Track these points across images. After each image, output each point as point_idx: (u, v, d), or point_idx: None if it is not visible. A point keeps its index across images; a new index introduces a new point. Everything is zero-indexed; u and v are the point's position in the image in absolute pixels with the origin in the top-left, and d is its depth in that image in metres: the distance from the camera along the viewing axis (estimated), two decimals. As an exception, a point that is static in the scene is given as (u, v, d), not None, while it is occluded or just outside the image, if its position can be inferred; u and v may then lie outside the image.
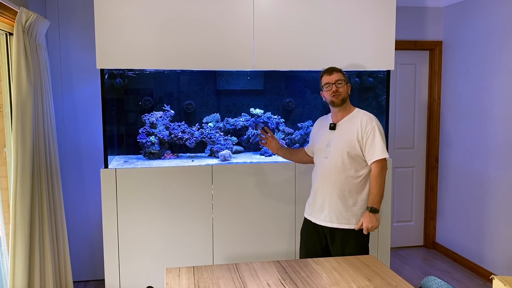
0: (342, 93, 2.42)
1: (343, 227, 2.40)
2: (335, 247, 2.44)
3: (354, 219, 2.40)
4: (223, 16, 2.83)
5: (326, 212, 2.43)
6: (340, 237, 2.41)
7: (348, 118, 2.46)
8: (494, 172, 3.53)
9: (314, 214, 2.49)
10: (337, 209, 2.40)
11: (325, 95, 2.47)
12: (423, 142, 4.31)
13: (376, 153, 2.35)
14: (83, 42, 3.31)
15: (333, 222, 2.41)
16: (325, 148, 2.46)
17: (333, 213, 2.41)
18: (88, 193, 3.45)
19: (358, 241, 2.41)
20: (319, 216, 2.46)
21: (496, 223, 3.52)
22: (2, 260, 2.59)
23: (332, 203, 2.41)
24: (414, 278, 3.60)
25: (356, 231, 2.39)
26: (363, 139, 2.37)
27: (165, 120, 3.24)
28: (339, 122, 2.47)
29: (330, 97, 2.43)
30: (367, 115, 2.43)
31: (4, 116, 2.60)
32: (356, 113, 2.46)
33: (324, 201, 2.44)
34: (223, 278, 1.93)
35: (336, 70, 2.45)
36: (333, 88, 2.41)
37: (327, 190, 2.43)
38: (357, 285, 1.87)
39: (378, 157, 2.34)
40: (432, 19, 4.09)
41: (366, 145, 2.37)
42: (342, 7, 2.96)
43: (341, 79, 2.43)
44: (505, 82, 3.40)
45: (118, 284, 2.88)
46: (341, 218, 2.40)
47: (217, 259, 2.99)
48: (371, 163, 2.37)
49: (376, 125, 2.38)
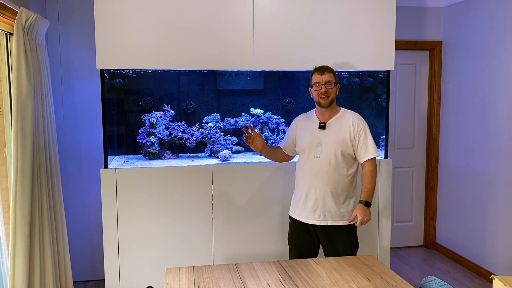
0: (331, 95, 2.43)
1: (337, 223, 2.45)
2: (327, 244, 2.47)
3: (346, 215, 2.46)
4: (223, 16, 2.83)
5: (319, 211, 2.45)
6: (333, 234, 2.45)
7: (337, 117, 2.48)
8: (494, 172, 3.53)
9: (305, 214, 2.50)
10: (331, 207, 2.44)
11: (313, 94, 2.48)
12: (423, 142, 4.31)
13: (369, 151, 2.43)
14: (83, 42, 3.31)
15: (327, 220, 2.44)
16: (315, 147, 2.46)
17: (327, 211, 2.44)
18: (88, 193, 3.45)
19: (351, 236, 2.49)
20: (311, 215, 2.47)
21: (496, 223, 3.52)
22: (2, 260, 2.59)
23: (326, 202, 2.43)
24: (414, 278, 3.60)
25: (348, 226, 2.46)
26: (356, 139, 2.43)
27: (165, 120, 3.24)
28: (328, 121, 2.48)
29: (318, 98, 2.45)
30: (356, 115, 2.50)
31: (4, 116, 2.60)
32: (344, 113, 2.50)
33: (317, 200, 2.45)
34: (223, 278, 1.93)
35: (328, 70, 2.45)
36: (322, 89, 2.42)
37: (320, 189, 2.44)
38: (357, 285, 1.87)
39: (372, 155, 2.43)
40: (432, 19, 4.09)
41: (359, 144, 2.43)
42: (342, 7, 2.96)
43: (331, 80, 2.43)
44: (505, 82, 3.40)
45: (118, 284, 2.88)
46: (335, 215, 2.44)
47: (217, 259, 2.99)
48: (364, 161, 2.43)
49: (366, 124, 2.48)
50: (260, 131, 3.35)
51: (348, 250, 2.45)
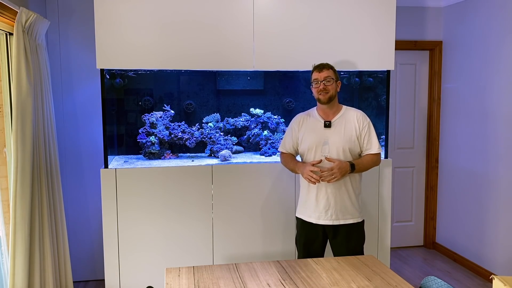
0: (330, 91, 2.42)
1: (348, 222, 2.46)
2: (338, 242, 2.47)
3: (357, 212, 2.48)
4: (223, 16, 2.83)
5: (331, 211, 2.43)
6: (344, 231, 2.46)
7: (341, 115, 2.48)
8: (494, 172, 3.53)
9: (316, 215, 2.47)
10: (343, 206, 2.44)
11: (313, 91, 2.48)
12: (423, 142, 4.31)
13: (373, 146, 2.48)
14: (83, 42, 3.31)
15: (339, 219, 2.44)
16: (322, 146, 2.44)
17: (339, 211, 2.44)
18: (88, 193, 3.45)
19: (360, 232, 2.52)
20: (323, 216, 2.45)
21: (496, 223, 3.52)
22: (2, 260, 2.59)
23: (337, 201, 2.43)
24: (414, 278, 3.60)
25: (359, 223, 2.48)
26: (362, 135, 2.46)
27: (165, 120, 3.24)
28: (333, 119, 2.47)
29: (318, 95, 2.45)
30: (359, 112, 2.52)
31: (4, 116, 2.60)
32: (347, 111, 2.51)
33: (329, 200, 2.43)
34: (223, 278, 1.93)
35: (326, 67, 2.45)
36: (320, 85, 2.42)
37: (331, 189, 2.42)
38: (357, 285, 1.87)
39: (374, 151, 2.48)
40: (432, 19, 4.09)
41: (364, 140, 2.47)
42: (342, 7, 2.96)
43: (330, 76, 2.43)
44: (505, 82, 3.40)
45: (118, 284, 2.88)
46: (346, 214, 2.45)
47: (217, 259, 2.99)
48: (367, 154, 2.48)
49: (369, 120, 2.51)
50: (260, 131, 3.35)
51: (357, 247, 2.49)
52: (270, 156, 3.26)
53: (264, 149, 3.30)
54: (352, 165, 2.38)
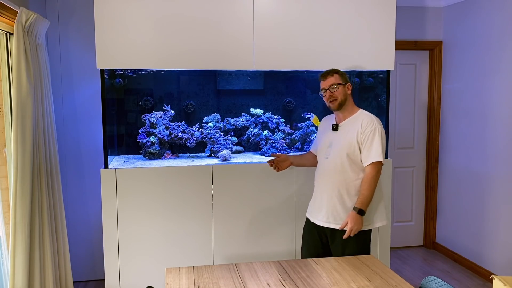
0: (338, 98, 2.39)
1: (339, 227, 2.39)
2: (335, 247, 2.43)
3: None
4: (224, 16, 2.83)
5: (323, 212, 2.42)
6: (341, 237, 2.37)
7: (351, 119, 2.44)
8: (494, 172, 3.53)
9: (313, 214, 2.50)
10: (335, 210, 2.38)
11: (324, 99, 2.47)
12: (423, 142, 4.31)
13: (371, 155, 2.30)
14: (83, 42, 3.31)
15: (330, 222, 2.40)
16: (326, 148, 2.46)
17: (330, 214, 2.39)
18: (88, 193, 3.45)
19: (359, 242, 2.37)
20: (317, 215, 2.46)
21: (496, 223, 3.52)
22: (2, 260, 2.59)
23: (330, 204, 2.40)
24: (414, 278, 3.60)
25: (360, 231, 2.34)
26: (362, 141, 2.33)
27: (165, 120, 3.24)
28: (341, 122, 2.46)
29: (327, 103, 2.44)
30: (369, 117, 2.39)
31: (4, 116, 2.60)
32: (359, 115, 2.43)
33: (322, 201, 2.43)
34: (223, 278, 1.93)
35: (330, 74, 2.42)
36: (327, 94, 2.41)
37: (325, 190, 2.43)
38: (357, 285, 1.87)
39: (372, 160, 2.29)
40: (432, 19, 4.09)
41: (364, 148, 2.33)
42: (342, 7, 2.96)
43: (335, 83, 2.40)
44: (505, 82, 3.40)
45: (118, 284, 2.88)
46: (338, 219, 2.38)
47: (217, 259, 2.99)
48: (366, 165, 2.32)
49: (377, 128, 2.33)
50: (260, 131, 3.35)
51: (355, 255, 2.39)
52: (270, 156, 3.26)
53: (264, 149, 3.30)
54: (360, 211, 2.24)
